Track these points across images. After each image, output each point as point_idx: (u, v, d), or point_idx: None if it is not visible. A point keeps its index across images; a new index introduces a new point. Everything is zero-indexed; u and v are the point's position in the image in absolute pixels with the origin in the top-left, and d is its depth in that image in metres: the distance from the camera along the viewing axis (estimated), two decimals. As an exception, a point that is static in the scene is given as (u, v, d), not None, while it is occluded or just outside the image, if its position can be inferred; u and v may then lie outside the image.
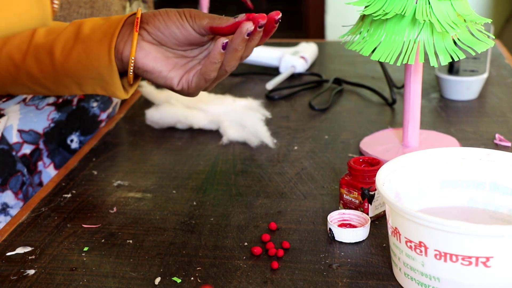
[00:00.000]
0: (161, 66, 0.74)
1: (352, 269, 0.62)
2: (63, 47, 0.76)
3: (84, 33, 0.75)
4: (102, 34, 0.74)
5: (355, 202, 0.71)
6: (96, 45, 0.74)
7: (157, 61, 0.74)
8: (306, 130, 0.98)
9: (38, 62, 0.77)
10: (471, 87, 1.08)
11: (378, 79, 1.21)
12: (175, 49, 0.75)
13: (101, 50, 0.74)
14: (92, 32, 0.75)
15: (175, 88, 0.74)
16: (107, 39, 0.73)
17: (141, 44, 0.73)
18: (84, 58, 0.74)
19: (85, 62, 0.75)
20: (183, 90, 0.75)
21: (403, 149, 0.86)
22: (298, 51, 1.30)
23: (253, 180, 0.82)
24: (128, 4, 1.27)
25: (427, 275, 0.55)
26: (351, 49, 0.79)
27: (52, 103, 0.96)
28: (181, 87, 0.74)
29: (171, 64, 0.75)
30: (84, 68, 0.75)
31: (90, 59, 0.74)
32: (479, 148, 0.65)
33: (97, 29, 0.75)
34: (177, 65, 0.75)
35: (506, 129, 0.95)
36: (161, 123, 0.99)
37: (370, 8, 0.76)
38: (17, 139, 0.93)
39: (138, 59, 0.73)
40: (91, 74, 0.76)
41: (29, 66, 0.78)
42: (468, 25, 0.76)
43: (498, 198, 0.65)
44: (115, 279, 0.62)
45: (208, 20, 0.73)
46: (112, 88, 0.76)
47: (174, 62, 0.75)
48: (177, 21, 0.73)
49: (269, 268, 0.63)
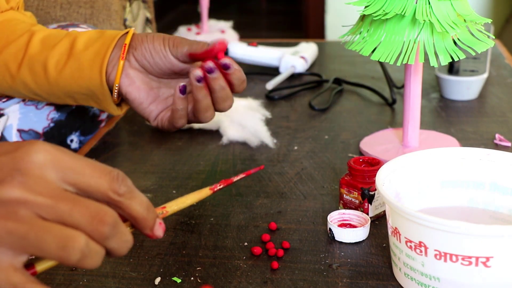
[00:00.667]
0: (143, 97, 0.75)
1: (352, 269, 0.62)
2: (57, 62, 0.76)
3: (78, 49, 0.76)
4: (95, 54, 0.75)
5: (355, 202, 0.71)
6: (88, 64, 0.75)
7: (140, 92, 0.75)
8: (306, 130, 0.98)
9: (32, 74, 0.78)
10: (471, 87, 1.08)
11: (378, 79, 1.21)
12: (160, 78, 0.76)
13: (93, 70, 0.75)
14: (85, 48, 0.76)
15: (152, 123, 0.77)
16: (99, 60, 0.74)
17: (127, 71, 0.75)
18: (77, 75, 0.76)
19: (77, 80, 0.76)
20: (158, 127, 0.77)
21: (403, 149, 0.86)
22: (298, 51, 1.30)
23: (253, 180, 0.82)
24: (128, 4, 1.27)
25: (427, 275, 0.55)
26: (351, 49, 0.79)
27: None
28: (156, 123, 0.77)
29: (152, 97, 0.76)
30: (77, 84, 0.77)
31: (83, 78, 0.76)
32: (479, 148, 0.65)
33: (90, 46, 0.76)
34: (158, 99, 0.76)
35: (506, 129, 0.95)
36: (161, 123, 0.99)
37: (370, 8, 0.76)
38: (17, 138, 0.93)
39: (123, 86, 0.75)
40: (83, 91, 0.77)
41: (24, 76, 0.79)
42: (468, 25, 0.76)
43: (498, 198, 0.65)
44: (115, 279, 0.62)
45: (188, 46, 0.73)
46: (104, 105, 0.78)
47: (156, 95, 0.76)
48: (160, 52, 0.74)
49: (269, 268, 0.63)
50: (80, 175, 0.44)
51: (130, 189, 0.47)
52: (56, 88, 0.78)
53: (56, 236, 0.42)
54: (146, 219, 0.48)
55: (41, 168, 0.43)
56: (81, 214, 0.43)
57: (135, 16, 1.32)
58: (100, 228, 0.43)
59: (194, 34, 1.47)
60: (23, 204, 0.42)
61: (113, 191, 0.46)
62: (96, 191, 0.45)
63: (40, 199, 0.42)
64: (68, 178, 0.44)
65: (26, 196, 0.42)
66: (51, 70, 0.77)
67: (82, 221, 0.43)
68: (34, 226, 0.42)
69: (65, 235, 0.42)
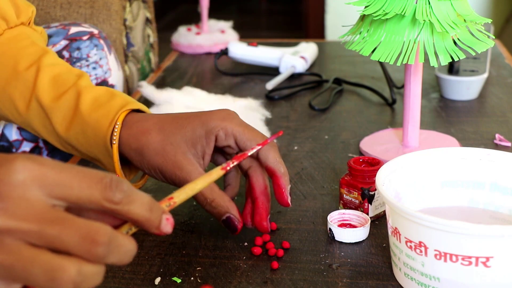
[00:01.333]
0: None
1: (352, 269, 0.62)
2: (63, 119, 0.71)
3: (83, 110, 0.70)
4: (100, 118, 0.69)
5: (355, 202, 0.71)
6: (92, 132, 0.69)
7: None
8: (306, 130, 0.98)
9: (42, 120, 0.73)
10: (471, 87, 1.08)
11: (378, 79, 1.21)
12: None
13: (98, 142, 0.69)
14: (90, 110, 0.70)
15: None
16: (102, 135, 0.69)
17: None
18: (82, 139, 0.71)
19: (83, 142, 0.71)
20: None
21: (403, 149, 0.86)
22: (298, 51, 1.30)
23: (253, 180, 0.82)
24: (128, 4, 1.27)
25: (427, 275, 0.55)
26: (351, 49, 0.79)
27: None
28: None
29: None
30: (82, 146, 0.71)
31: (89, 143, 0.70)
32: (479, 148, 0.65)
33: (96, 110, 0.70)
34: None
35: (506, 129, 0.95)
36: (161, 123, 0.99)
37: (370, 8, 0.76)
38: (17, 136, 0.93)
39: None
40: (90, 154, 0.72)
41: (32, 120, 0.74)
42: (468, 25, 0.76)
43: (498, 198, 0.65)
44: (115, 279, 0.62)
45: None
46: (111, 171, 0.71)
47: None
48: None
49: (269, 268, 0.63)
50: (68, 188, 0.41)
51: (126, 193, 0.43)
52: (64, 142, 0.73)
53: (43, 267, 0.39)
54: (149, 220, 0.45)
55: (23, 188, 0.40)
56: (71, 237, 0.40)
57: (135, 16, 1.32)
58: (93, 250, 0.40)
59: (194, 34, 1.47)
60: (7, 232, 0.39)
61: (107, 200, 0.42)
62: (89, 202, 0.42)
63: (24, 225, 0.39)
64: (55, 194, 0.41)
65: (9, 223, 0.39)
66: (58, 126, 0.72)
67: (72, 244, 0.40)
68: (21, 257, 0.39)
69: (52, 266, 0.39)
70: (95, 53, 0.99)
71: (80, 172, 0.42)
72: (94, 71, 0.99)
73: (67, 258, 0.40)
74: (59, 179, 0.41)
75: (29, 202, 0.40)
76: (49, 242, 0.40)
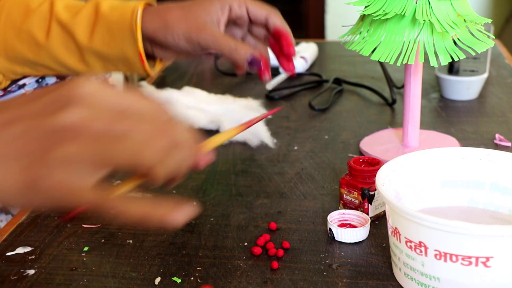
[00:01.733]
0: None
1: (352, 269, 0.62)
2: (86, 27, 0.77)
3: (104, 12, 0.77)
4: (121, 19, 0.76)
5: (355, 202, 0.71)
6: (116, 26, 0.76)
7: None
8: (306, 130, 0.98)
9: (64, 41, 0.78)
10: (471, 87, 1.08)
11: (378, 79, 1.21)
12: None
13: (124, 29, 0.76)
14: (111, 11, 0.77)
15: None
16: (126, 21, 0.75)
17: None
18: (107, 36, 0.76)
19: (108, 40, 0.77)
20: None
21: (403, 149, 0.86)
22: (298, 51, 1.30)
23: (253, 180, 0.82)
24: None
25: (427, 275, 0.55)
26: (351, 49, 0.79)
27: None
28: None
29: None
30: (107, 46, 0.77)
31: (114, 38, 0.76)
32: (479, 148, 0.65)
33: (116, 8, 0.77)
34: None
35: (506, 129, 0.95)
36: (161, 123, 0.99)
37: (370, 8, 0.76)
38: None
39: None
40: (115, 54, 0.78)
41: (54, 45, 0.78)
42: (468, 25, 0.76)
43: (498, 198, 0.65)
44: (115, 279, 0.62)
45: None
46: (135, 67, 0.79)
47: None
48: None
49: (269, 268, 0.63)
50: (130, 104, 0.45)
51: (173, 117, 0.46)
52: (88, 53, 0.78)
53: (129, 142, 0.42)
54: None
55: (93, 96, 0.43)
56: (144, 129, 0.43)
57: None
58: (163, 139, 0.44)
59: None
60: (85, 124, 0.42)
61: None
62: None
63: (103, 116, 0.43)
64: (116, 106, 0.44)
65: (88, 117, 0.42)
66: (81, 37, 0.77)
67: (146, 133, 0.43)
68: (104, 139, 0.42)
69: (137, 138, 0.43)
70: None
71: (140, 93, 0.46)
72: (94, 71, 0.99)
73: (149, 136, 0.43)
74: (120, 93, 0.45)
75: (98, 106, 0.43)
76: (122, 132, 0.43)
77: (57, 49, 0.79)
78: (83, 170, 0.42)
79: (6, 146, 0.43)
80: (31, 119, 0.43)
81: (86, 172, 0.43)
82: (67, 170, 0.42)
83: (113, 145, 0.42)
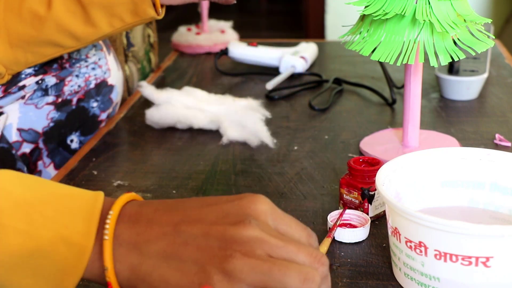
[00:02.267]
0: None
1: (352, 269, 0.62)
2: None
3: None
4: None
5: (355, 202, 0.71)
6: None
7: None
8: (306, 130, 0.98)
9: (66, 5, 0.80)
10: (471, 87, 1.08)
11: (378, 79, 1.21)
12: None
13: None
14: None
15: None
16: None
17: None
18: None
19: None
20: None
21: (403, 149, 0.86)
22: (298, 51, 1.30)
23: (253, 180, 0.82)
24: None
25: (427, 275, 0.55)
26: (351, 49, 0.79)
27: (51, 102, 0.96)
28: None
29: None
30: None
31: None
32: (479, 148, 0.65)
33: None
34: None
35: (506, 129, 0.95)
36: (161, 123, 0.99)
37: (370, 8, 0.76)
38: (17, 137, 0.93)
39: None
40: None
41: (57, 13, 0.80)
42: (468, 25, 0.76)
43: (498, 198, 0.65)
44: (115, 279, 0.62)
45: None
46: (144, 6, 0.81)
47: None
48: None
49: (269, 268, 0.63)
50: (289, 227, 0.49)
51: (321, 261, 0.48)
52: (92, 8, 0.80)
53: (298, 270, 0.45)
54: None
55: (265, 215, 0.47)
56: (305, 255, 0.46)
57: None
58: (321, 268, 0.47)
59: (194, 34, 1.47)
60: (260, 243, 0.45)
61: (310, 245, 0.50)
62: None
63: (273, 240, 0.46)
64: (279, 228, 0.48)
65: (263, 236, 0.46)
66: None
67: (306, 261, 0.46)
68: (276, 262, 0.45)
69: (305, 269, 0.45)
70: (94, 53, 0.99)
71: (295, 219, 0.50)
72: (94, 72, 0.98)
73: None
74: (284, 218, 0.49)
75: (269, 226, 0.48)
76: (289, 257, 0.46)
77: (61, 16, 0.80)
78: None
79: (186, 246, 0.46)
80: (211, 224, 0.46)
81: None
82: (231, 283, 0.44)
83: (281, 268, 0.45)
